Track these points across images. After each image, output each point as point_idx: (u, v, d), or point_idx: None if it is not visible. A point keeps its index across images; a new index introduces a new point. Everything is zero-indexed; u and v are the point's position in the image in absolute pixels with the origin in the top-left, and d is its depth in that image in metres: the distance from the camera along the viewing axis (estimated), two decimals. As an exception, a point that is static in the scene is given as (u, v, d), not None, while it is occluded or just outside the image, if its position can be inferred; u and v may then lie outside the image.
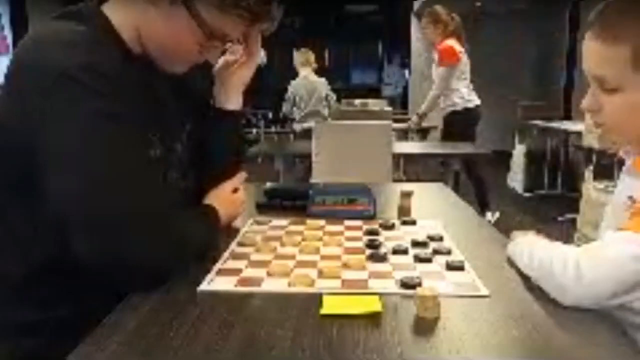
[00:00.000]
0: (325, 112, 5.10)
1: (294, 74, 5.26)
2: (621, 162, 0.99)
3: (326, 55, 10.95)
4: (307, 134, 4.28)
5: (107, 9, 0.92)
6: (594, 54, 0.88)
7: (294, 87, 5.15)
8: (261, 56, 1.12)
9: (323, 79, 5.24)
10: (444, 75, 4.12)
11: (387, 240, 1.07)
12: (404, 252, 0.99)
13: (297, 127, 5.16)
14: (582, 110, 0.95)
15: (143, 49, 0.94)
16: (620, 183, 0.98)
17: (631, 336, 0.71)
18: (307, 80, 5.13)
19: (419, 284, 0.82)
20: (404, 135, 5.59)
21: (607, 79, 0.86)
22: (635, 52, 0.82)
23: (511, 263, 0.94)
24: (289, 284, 0.84)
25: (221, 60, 1.10)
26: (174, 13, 0.88)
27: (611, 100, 0.87)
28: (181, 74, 0.99)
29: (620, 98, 0.86)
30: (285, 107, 5.29)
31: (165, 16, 0.89)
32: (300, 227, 1.17)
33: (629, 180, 0.93)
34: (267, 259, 0.95)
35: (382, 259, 0.95)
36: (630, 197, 0.89)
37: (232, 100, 1.11)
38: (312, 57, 5.22)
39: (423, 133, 5.83)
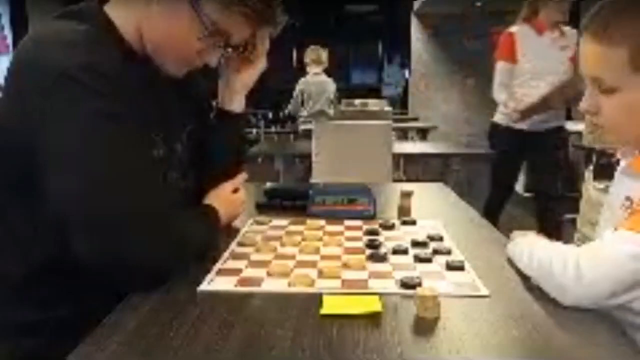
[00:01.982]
0: (331, 112, 5.03)
1: (297, 73, 5.15)
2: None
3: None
4: (307, 133, 4.26)
5: (109, 9, 0.92)
6: (591, 55, 0.88)
7: (303, 84, 4.98)
8: None
9: (331, 79, 5.16)
10: None
11: (387, 240, 1.07)
12: (404, 252, 0.99)
13: (302, 126, 4.96)
14: (580, 111, 0.95)
15: (145, 48, 0.93)
16: (616, 183, 0.98)
17: (630, 336, 0.71)
18: (319, 79, 5.03)
19: (419, 284, 0.82)
20: (403, 135, 5.59)
21: (604, 80, 0.86)
22: (632, 52, 0.82)
23: (511, 263, 0.94)
24: (289, 284, 0.84)
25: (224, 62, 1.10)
26: (177, 8, 0.88)
27: (609, 101, 0.87)
28: (179, 77, 0.98)
29: (618, 99, 0.86)
30: (292, 106, 5.14)
31: (168, 11, 0.89)
32: (300, 227, 1.17)
33: (627, 180, 0.93)
34: (267, 259, 0.95)
35: (382, 259, 0.95)
36: (628, 197, 0.89)
37: (235, 102, 1.11)
38: (324, 55, 5.03)
39: (423, 133, 5.84)
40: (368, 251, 1.00)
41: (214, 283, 0.85)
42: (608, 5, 0.87)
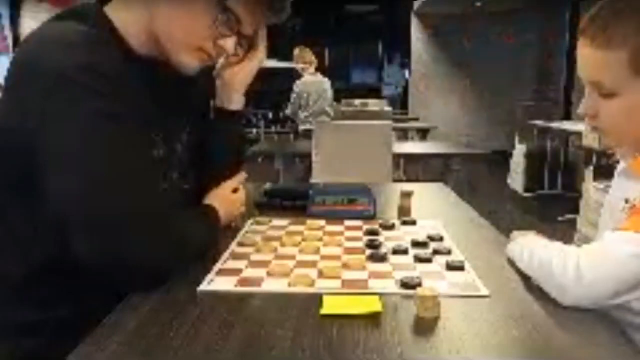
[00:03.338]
0: (331, 111, 5.03)
1: (296, 74, 5.17)
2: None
3: (326, 55, 10.96)
4: (307, 133, 4.26)
5: (109, 9, 0.92)
6: (590, 59, 0.87)
7: (302, 86, 5.00)
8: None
9: (327, 79, 5.16)
10: None
11: (387, 240, 1.07)
12: (404, 252, 0.99)
13: (302, 126, 4.98)
14: (579, 115, 0.95)
15: (154, 47, 0.92)
16: (615, 185, 0.98)
17: (630, 336, 0.71)
18: (317, 79, 5.02)
19: (419, 284, 0.82)
20: (403, 135, 5.59)
21: (604, 83, 0.86)
22: (632, 55, 0.82)
23: (511, 263, 0.94)
24: (289, 284, 0.84)
25: (222, 60, 1.09)
26: None
27: (608, 104, 0.87)
28: (194, 72, 0.96)
29: (618, 102, 0.86)
30: (290, 108, 5.14)
31: (179, 3, 0.88)
32: (300, 227, 1.17)
33: (626, 182, 0.93)
34: (267, 259, 0.95)
35: (382, 259, 0.95)
36: (627, 199, 0.89)
37: (234, 100, 1.11)
38: (311, 54, 5.09)
39: (423, 133, 5.84)
40: (368, 251, 1.00)
41: (214, 283, 0.85)
42: (606, 8, 0.87)
